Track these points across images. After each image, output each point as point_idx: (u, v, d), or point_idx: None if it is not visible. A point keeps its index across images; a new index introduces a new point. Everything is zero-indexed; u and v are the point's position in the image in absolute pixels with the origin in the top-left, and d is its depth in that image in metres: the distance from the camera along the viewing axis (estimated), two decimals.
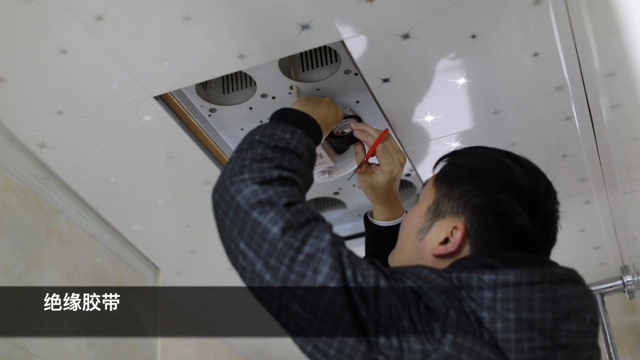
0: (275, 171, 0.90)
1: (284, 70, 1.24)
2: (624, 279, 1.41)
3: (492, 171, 0.98)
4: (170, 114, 1.29)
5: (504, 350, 0.82)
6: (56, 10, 1.06)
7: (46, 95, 1.23)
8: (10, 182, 1.37)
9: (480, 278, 0.85)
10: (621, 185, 1.43)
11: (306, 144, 1.00)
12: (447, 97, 1.28)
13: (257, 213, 0.85)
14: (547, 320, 0.84)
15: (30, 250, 1.38)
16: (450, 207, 0.96)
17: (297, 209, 0.86)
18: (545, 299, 0.85)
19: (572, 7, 1.09)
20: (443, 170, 1.02)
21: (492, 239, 0.94)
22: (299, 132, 0.99)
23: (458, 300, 0.84)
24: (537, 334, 0.84)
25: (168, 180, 1.49)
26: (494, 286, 0.84)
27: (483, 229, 0.94)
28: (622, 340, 1.97)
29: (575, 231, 1.75)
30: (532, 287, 0.85)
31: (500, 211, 0.94)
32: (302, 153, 0.98)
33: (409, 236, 1.01)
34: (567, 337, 0.86)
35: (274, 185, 0.88)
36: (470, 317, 0.83)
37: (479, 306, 0.84)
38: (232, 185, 0.88)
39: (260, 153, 0.93)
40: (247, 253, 0.85)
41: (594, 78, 1.21)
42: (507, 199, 0.94)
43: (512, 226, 0.94)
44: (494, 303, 0.83)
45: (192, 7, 1.06)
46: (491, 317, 0.83)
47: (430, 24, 1.11)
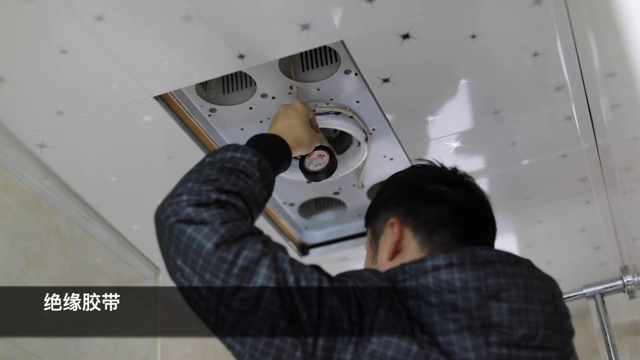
0: (213, 194, 0.90)
1: (284, 70, 1.24)
2: (624, 279, 1.41)
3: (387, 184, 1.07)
4: (170, 114, 1.29)
5: (432, 334, 0.83)
6: (56, 10, 1.06)
7: (46, 95, 1.23)
8: (10, 182, 1.37)
9: (402, 270, 0.88)
10: (621, 185, 1.43)
11: (257, 163, 0.98)
12: (447, 97, 1.29)
13: (190, 230, 0.87)
14: (470, 299, 0.85)
15: (30, 250, 1.38)
16: (380, 223, 1.02)
17: (232, 225, 0.87)
18: (465, 279, 0.86)
19: (572, 7, 1.09)
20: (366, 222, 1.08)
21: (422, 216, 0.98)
22: (250, 151, 0.99)
23: (390, 298, 0.85)
24: (462, 315, 0.84)
25: (168, 180, 1.47)
26: (415, 275, 0.87)
27: (409, 209, 0.99)
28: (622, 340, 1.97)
29: (575, 231, 1.75)
30: (451, 269, 0.87)
31: (413, 188, 1.01)
32: (252, 173, 0.97)
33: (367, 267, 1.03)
34: (498, 315, 0.85)
35: (210, 207, 0.89)
36: (401, 314, 0.84)
37: (406, 295, 0.86)
38: (170, 207, 0.90)
39: (205, 175, 0.94)
40: (184, 269, 0.87)
41: (594, 78, 1.21)
42: (416, 181, 1.02)
43: (432, 197, 0.99)
44: (417, 290, 0.86)
45: (192, 7, 1.06)
46: (416, 304, 0.85)
47: (430, 24, 1.11)
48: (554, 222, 1.72)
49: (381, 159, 1.47)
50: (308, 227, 1.73)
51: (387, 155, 1.46)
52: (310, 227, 1.73)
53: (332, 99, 1.31)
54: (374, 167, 1.50)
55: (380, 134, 1.39)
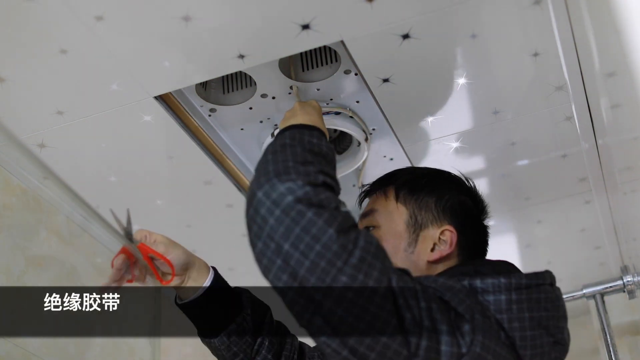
0: (320, 176, 0.86)
1: (284, 70, 1.24)
2: (624, 279, 1.41)
3: (444, 178, 1.10)
4: (170, 114, 1.29)
5: (519, 347, 0.87)
6: (56, 10, 1.06)
7: (46, 95, 1.23)
8: (10, 182, 1.37)
9: (494, 282, 0.90)
10: (621, 185, 1.43)
11: (331, 148, 0.99)
12: (447, 97, 1.28)
13: (311, 214, 0.80)
14: (550, 318, 0.91)
15: (30, 250, 1.38)
16: (431, 215, 1.05)
17: (346, 212, 0.85)
18: (548, 299, 0.92)
19: (572, 7, 1.09)
20: (401, 188, 1.08)
21: (469, 236, 1.05)
22: (324, 137, 0.99)
23: (479, 304, 0.88)
24: (544, 332, 0.90)
25: (168, 180, 1.48)
26: (509, 289, 0.89)
27: (463, 227, 1.05)
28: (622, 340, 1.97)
29: (575, 231, 1.75)
30: (539, 288, 0.92)
31: (467, 210, 1.07)
32: (332, 159, 0.97)
33: (396, 253, 1.04)
34: (561, 334, 0.93)
35: (322, 190, 0.84)
36: (491, 319, 0.87)
37: (496, 309, 0.88)
38: (282, 184, 0.82)
39: (300, 155, 0.89)
40: (292, 255, 0.79)
41: (594, 78, 1.21)
42: (467, 199, 1.08)
43: (478, 223, 1.08)
44: (511, 304, 0.89)
45: (192, 7, 1.06)
46: (509, 318, 0.88)
47: (430, 24, 1.11)
48: (554, 222, 1.72)
49: (381, 159, 1.47)
50: None
51: (387, 155, 1.46)
52: None
53: (332, 99, 1.31)
54: (374, 167, 1.50)
55: (380, 134, 1.39)
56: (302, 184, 0.82)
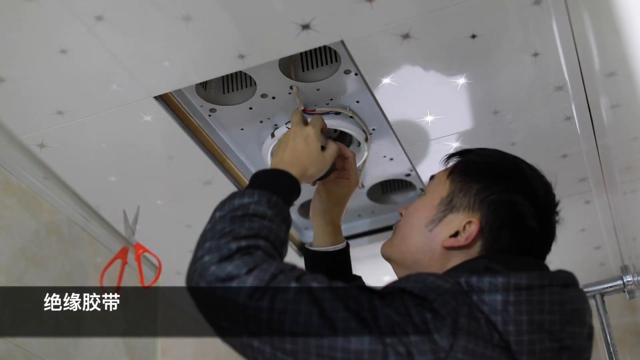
0: (232, 245, 0.88)
1: (284, 70, 1.24)
2: (624, 279, 1.41)
3: (510, 172, 1.01)
4: (170, 114, 1.29)
5: (515, 352, 0.83)
6: (56, 10, 1.06)
7: (46, 95, 1.23)
8: (10, 182, 1.37)
9: (491, 281, 0.86)
10: (621, 185, 1.43)
11: (266, 202, 0.96)
12: (447, 97, 1.28)
13: (221, 290, 0.85)
14: (555, 322, 0.86)
15: (30, 250, 1.38)
16: (467, 201, 0.99)
17: (259, 270, 0.86)
18: (554, 301, 0.87)
19: (572, 7, 1.09)
20: (459, 165, 1.04)
21: (502, 238, 0.97)
22: (257, 193, 0.97)
23: (467, 305, 0.84)
24: (547, 336, 0.85)
25: (168, 180, 1.48)
26: (506, 289, 0.86)
27: (497, 226, 0.97)
28: (622, 340, 1.97)
29: (575, 231, 1.75)
30: (543, 290, 0.87)
31: (515, 212, 0.97)
32: (264, 213, 0.95)
33: (417, 225, 1.02)
34: (571, 339, 0.88)
35: (234, 258, 0.87)
36: (480, 321, 0.83)
37: (491, 310, 0.84)
38: (195, 273, 0.88)
39: (219, 230, 0.92)
40: (230, 329, 0.85)
41: (594, 78, 1.21)
42: (524, 201, 0.98)
43: (523, 228, 0.97)
44: (507, 306, 0.85)
45: (192, 7, 1.06)
46: (504, 320, 0.84)
47: (430, 24, 1.11)
48: None
49: (381, 159, 1.47)
50: (308, 227, 1.73)
51: (387, 155, 1.46)
52: (310, 227, 1.73)
53: (332, 99, 1.31)
54: (374, 167, 1.50)
55: (380, 134, 1.39)
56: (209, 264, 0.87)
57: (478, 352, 0.81)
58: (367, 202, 1.62)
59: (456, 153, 1.07)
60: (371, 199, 1.62)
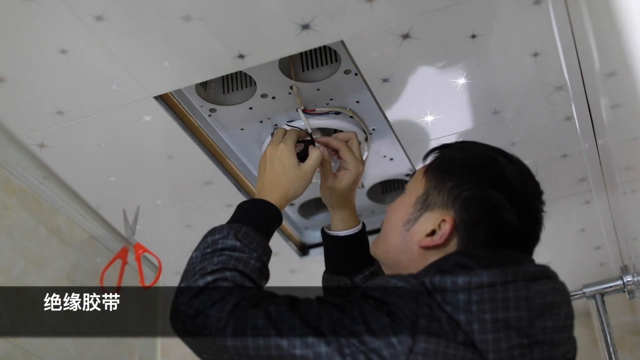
0: (199, 281, 0.95)
1: (284, 70, 1.24)
2: (624, 279, 1.41)
3: (483, 166, 0.99)
4: (170, 114, 1.29)
5: (482, 351, 0.83)
6: (56, 10, 1.06)
7: (46, 95, 1.23)
8: (10, 182, 1.37)
9: (454, 281, 0.86)
10: (621, 185, 1.43)
11: (234, 235, 1.01)
12: (447, 97, 1.28)
13: (191, 327, 0.92)
14: (522, 318, 0.85)
15: (30, 250, 1.38)
16: (440, 199, 0.98)
17: (222, 302, 0.91)
18: (519, 297, 0.86)
19: (572, 7, 1.09)
20: (434, 162, 1.03)
21: (479, 233, 0.95)
22: (225, 228, 1.02)
23: (428, 305, 0.84)
24: (514, 333, 0.84)
25: (168, 180, 1.49)
26: (468, 288, 0.85)
27: (472, 223, 0.96)
28: (622, 340, 1.97)
29: (575, 231, 1.75)
30: (506, 286, 0.86)
31: (489, 206, 0.96)
32: (233, 245, 1.00)
33: (395, 225, 1.02)
34: (542, 333, 0.87)
35: (199, 295, 0.93)
36: (442, 320, 0.83)
37: (454, 309, 0.84)
38: (174, 317, 0.95)
39: (191, 270, 0.98)
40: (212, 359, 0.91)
41: (594, 78, 1.21)
42: (498, 195, 0.96)
43: (500, 222, 0.96)
44: (470, 305, 0.84)
45: (192, 7, 1.06)
46: (467, 319, 0.84)
47: (430, 24, 1.11)
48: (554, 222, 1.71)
49: (381, 159, 1.47)
50: (308, 227, 1.73)
51: (387, 155, 1.46)
52: (310, 227, 1.73)
53: (332, 99, 1.31)
54: (374, 167, 1.50)
55: (380, 134, 1.39)
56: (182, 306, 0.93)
57: (440, 352, 0.82)
58: (367, 202, 1.62)
59: (434, 149, 1.05)
60: (371, 199, 1.62)
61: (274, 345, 0.86)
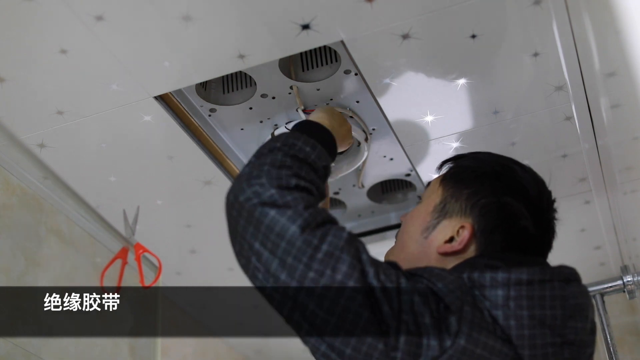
0: (293, 179, 0.90)
1: (284, 70, 1.24)
2: (624, 279, 1.41)
3: (499, 174, 1.01)
4: (170, 114, 1.29)
5: (517, 346, 0.85)
6: (56, 10, 1.06)
7: (46, 95, 1.23)
8: (10, 182, 1.37)
9: (493, 277, 0.88)
10: (621, 185, 1.43)
11: (324, 159, 1.00)
12: (447, 97, 1.28)
13: (274, 212, 0.85)
14: (557, 317, 0.87)
15: (30, 250, 1.38)
16: (458, 207, 1.00)
17: (315, 210, 0.87)
18: (555, 296, 0.88)
19: (572, 7, 1.09)
20: (450, 171, 1.05)
21: (496, 240, 0.97)
22: (319, 147, 0.99)
23: (472, 296, 0.86)
24: (548, 331, 0.86)
25: (168, 180, 1.49)
26: (507, 284, 0.87)
27: (489, 229, 0.98)
28: (622, 340, 1.97)
29: (575, 231, 1.75)
30: (544, 285, 0.88)
31: (506, 213, 0.98)
32: (319, 168, 0.98)
33: (412, 233, 1.03)
34: (574, 334, 0.89)
35: (292, 191, 0.88)
36: (484, 312, 0.85)
37: (492, 304, 0.86)
38: (250, 188, 0.88)
39: (280, 160, 0.93)
40: (262, 253, 0.85)
41: (594, 78, 1.21)
42: (514, 202, 0.98)
43: (517, 228, 0.98)
44: (508, 301, 0.86)
45: (192, 7, 1.06)
46: (505, 315, 0.85)
47: (430, 24, 1.11)
48: None
49: (381, 159, 1.47)
50: None
51: (387, 155, 1.46)
52: None
53: (332, 99, 1.31)
54: (374, 167, 1.50)
55: (380, 134, 1.39)
56: (269, 186, 0.87)
57: (481, 341, 0.83)
58: (367, 202, 1.62)
59: (449, 159, 1.08)
60: (371, 199, 1.62)
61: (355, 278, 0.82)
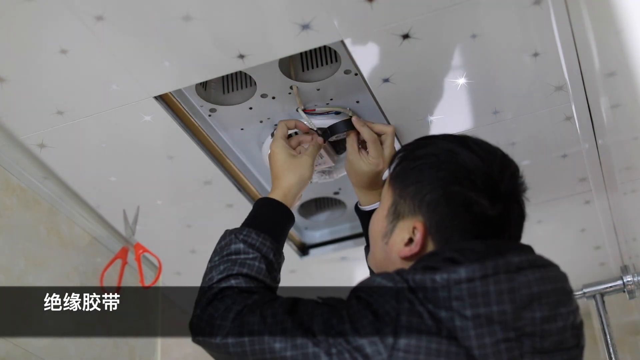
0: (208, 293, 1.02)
1: (284, 70, 1.24)
2: (624, 279, 1.41)
3: (441, 163, 0.95)
4: (170, 114, 1.29)
5: (467, 347, 0.82)
6: (56, 10, 1.06)
7: (46, 95, 1.23)
8: (10, 182, 1.37)
9: (432, 279, 0.85)
10: (621, 185, 1.43)
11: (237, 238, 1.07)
12: (447, 97, 1.28)
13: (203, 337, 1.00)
14: (506, 312, 0.84)
15: (30, 250, 1.38)
16: (407, 207, 0.96)
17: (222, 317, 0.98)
18: (501, 291, 0.84)
19: (572, 7, 1.09)
20: (395, 169, 1.01)
21: (453, 233, 0.93)
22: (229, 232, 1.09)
23: (409, 301, 0.84)
24: (498, 327, 0.83)
25: (168, 180, 1.49)
26: (447, 286, 0.84)
27: (443, 224, 0.93)
28: (622, 340, 1.97)
29: (575, 231, 1.75)
30: (486, 280, 0.85)
31: (456, 203, 0.93)
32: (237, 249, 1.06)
33: (376, 241, 1.02)
34: (531, 325, 0.85)
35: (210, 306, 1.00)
36: (423, 315, 0.83)
37: (436, 306, 0.84)
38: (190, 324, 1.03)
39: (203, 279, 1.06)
40: None
41: (594, 78, 1.21)
42: (461, 189, 0.93)
43: (472, 215, 0.93)
44: (450, 302, 0.84)
45: (192, 7, 1.06)
46: (448, 316, 0.83)
47: (430, 24, 1.11)
48: (554, 222, 1.72)
49: None
50: (308, 227, 1.73)
51: None
52: (310, 227, 1.73)
53: (332, 99, 1.31)
54: None
55: None
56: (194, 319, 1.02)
57: (423, 347, 0.82)
58: None
59: (394, 155, 1.03)
60: None
61: (267, 349, 0.90)
